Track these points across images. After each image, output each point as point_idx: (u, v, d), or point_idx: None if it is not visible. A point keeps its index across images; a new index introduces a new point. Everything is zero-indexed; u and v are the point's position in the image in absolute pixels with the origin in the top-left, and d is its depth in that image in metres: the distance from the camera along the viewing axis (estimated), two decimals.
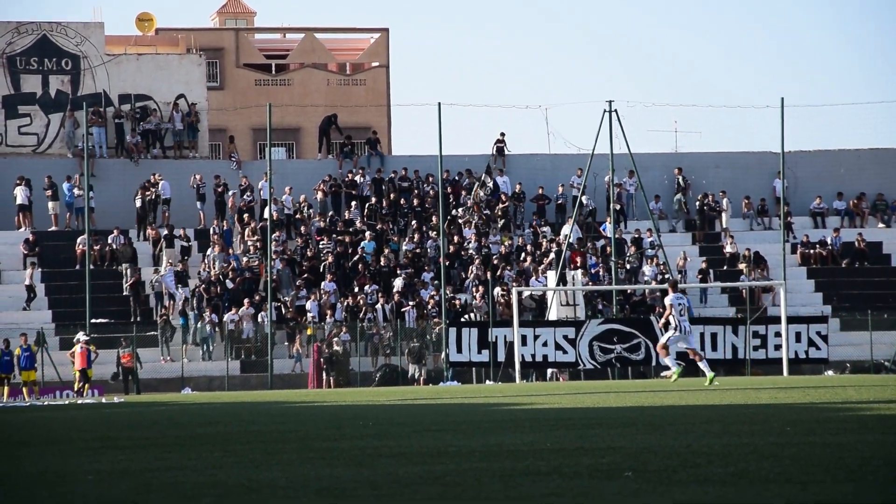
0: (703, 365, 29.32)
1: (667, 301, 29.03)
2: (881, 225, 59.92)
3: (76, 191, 55.49)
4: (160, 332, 50.20)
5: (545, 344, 46.29)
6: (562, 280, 51.48)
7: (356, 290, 52.46)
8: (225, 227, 55.71)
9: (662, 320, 31.54)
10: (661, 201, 58.81)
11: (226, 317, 50.71)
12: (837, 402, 16.69)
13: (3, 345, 43.93)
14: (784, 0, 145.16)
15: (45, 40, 59.56)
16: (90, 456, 10.24)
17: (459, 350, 47.00)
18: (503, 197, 58.16)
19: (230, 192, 56.66)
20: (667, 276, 53.25)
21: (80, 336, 44.43)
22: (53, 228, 56.36)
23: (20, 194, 55.87)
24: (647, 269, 54.45)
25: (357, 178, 58.38)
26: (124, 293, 52.68)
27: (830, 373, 47.27)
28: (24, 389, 43.14)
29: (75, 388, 43.80)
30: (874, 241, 58.40)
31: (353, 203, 57.52)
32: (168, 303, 51.58)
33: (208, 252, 54.45)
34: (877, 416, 12.92)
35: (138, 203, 55.78)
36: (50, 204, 56.17)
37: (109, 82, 59.80)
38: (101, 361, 46.51)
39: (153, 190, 55.98)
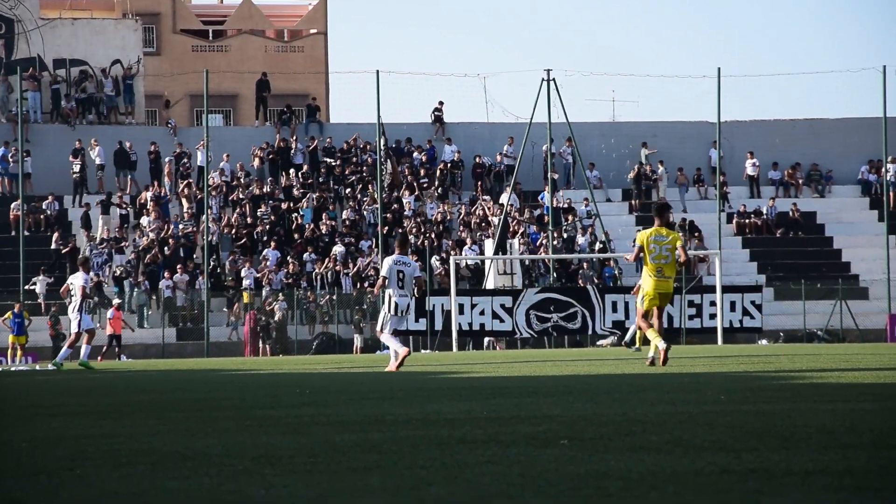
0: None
1: None
2: (815, 195, 60.43)
3: (10, 157, 54.99)
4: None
5: (482, 313, 46.36)
6: (500, 248, 51.55)
7: (291, 258, 52.28)
8: (161, 194, 55.36)
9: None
10: (597, 169, 59.02)
11: (161, 283, 50.41)
12: (771, 371, 16.85)
13: None
14: None
15: None
16: (24, 423, 10.17)
17: None
18: (442, 165, 58.16)
19: (166, 159, 56.27)
20: (600, 242, 53.51)
21: (115, 301, 45.19)
22: None
23: None
24: (581, 239, 54.65)
25: (294, 145, 58.17)
26: (62, 260, 52.24)
27: (764, 342, 47.73)
28: None
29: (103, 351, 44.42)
30: (808, 212, 58.90)
31: (291, 171, 57.28)
32: (100, 270, 51.20)
33: (143, 219, 54.09)
34: (809, 385, 13.06)
35: (77, 168, 55.25)
36: None
37: (44, 47, 59.15)
38: (33, 328, 46.16)
39: (80, 158, 55.38)
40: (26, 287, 49.18)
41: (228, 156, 56.41)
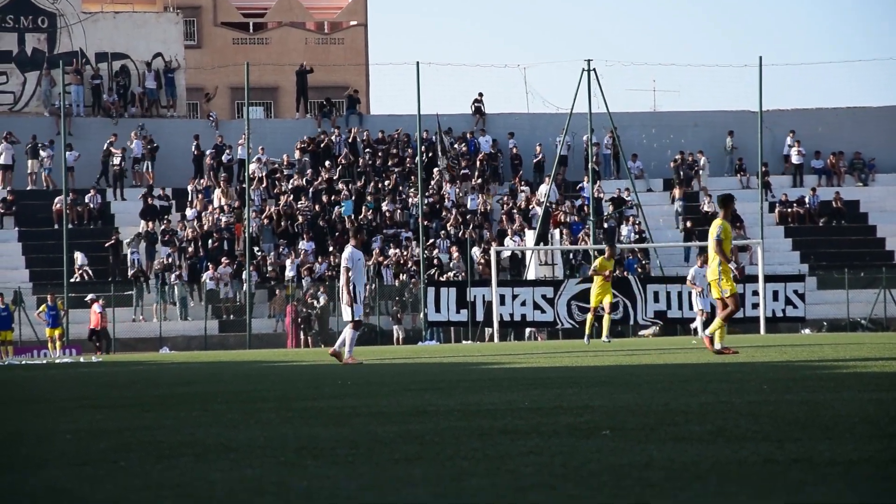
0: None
1: None
2: (858, 184, 60.04)
3: (50, 150, 55.41)
4: (135, 292, 50.11)
5: (524, 303, 46.32)
6: (542, 239, 51.46)
7: (333, 248, 52.38)
8: (205, 186, 55.54)
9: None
10: (638, 159, 58.81)
11: (204, 276, 50.58)
12: (814, 361, 16.77)
13: None
14: None
15: None
16: (68, 415, 10.23)
17: (438, 310, 47.04)
18: (482, 156, 58.10)
19: (207, 152, 56.46)
20: (644, 234, 53.37)
21: (90, 295, 45.21)
22: (31, 188, 56.17)
23: (4, 153, 55.77)
24: (625, 229, 54.50)
25: (334, 137, 58.24)
26: (106, 254, 52.51)
27: (807, 331, 47.48)
28: (0, 349, 43.04)
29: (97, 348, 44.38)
30: (851, 200, 58.53)
31: (328, 162, 57.32)
32: (140, 263, 51.40)
33: (188, 211, 54.29)
34: (853, 374, 12.98)
35: (116, 161, 55.49)
36: (29, 163, 56.04)
37: (86, 40, 59.44)
38: (77, 321, 46.42)
39: (116, 153, 55.47)
40: (71, 280, 49.44)
41: (263, 149, 56.41)
